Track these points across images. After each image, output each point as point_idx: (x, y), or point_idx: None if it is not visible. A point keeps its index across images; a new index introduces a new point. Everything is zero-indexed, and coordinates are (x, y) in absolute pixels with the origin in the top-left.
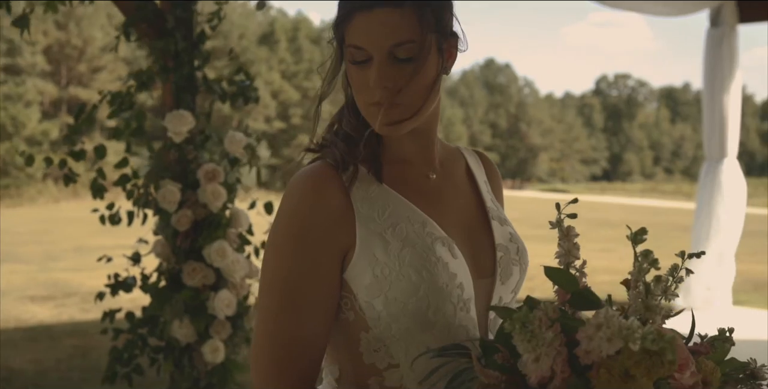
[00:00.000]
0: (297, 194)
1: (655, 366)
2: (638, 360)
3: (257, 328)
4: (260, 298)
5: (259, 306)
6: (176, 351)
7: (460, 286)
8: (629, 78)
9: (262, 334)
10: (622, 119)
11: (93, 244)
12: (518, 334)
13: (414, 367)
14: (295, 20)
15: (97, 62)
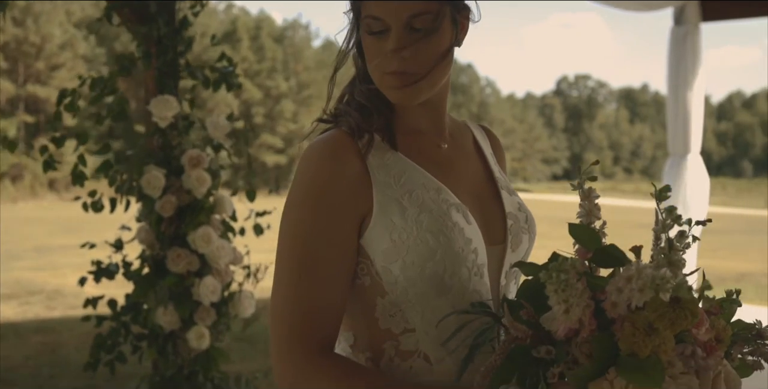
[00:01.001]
0: (315, 161)
1: (679, 318)
2: (662, 313)
3: (276, 294)
4: (279, 264)
5: (277, 272)
6: (160, 338)
7: (474, 251)
8: (589, 79)
9: (282, 300)
10: (582, 120)
11: (53, 243)
12: (552, 284)
13: (429, 331)
14: (258, 19)
15: (56, 60)
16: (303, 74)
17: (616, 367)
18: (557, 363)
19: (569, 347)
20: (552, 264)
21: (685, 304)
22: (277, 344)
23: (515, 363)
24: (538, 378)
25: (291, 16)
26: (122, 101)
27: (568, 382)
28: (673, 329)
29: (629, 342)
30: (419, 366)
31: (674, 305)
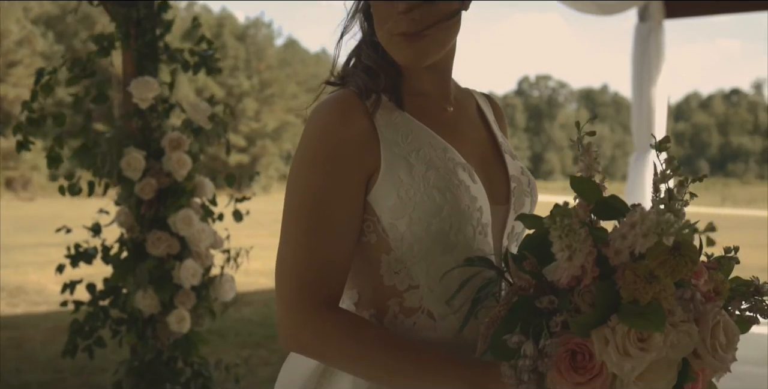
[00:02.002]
0: (323, 118)
1: (679, 265)
2: (663, 261)
3: (283, 252)
4: (288, 221)
5: (285, 229)
6: (139, 322)
7: (479, 210)
8: (550, 79)
9: (291, 255)
10: (543, 119)
11: (13, 242)
12: (556, 230)
13: (434, 288)
14: (220, 17)
15: (13, 56)
16: (265, 73)
17: (617, 314)
18: (560, 313)
19: (572, 296)
20: (556, 210)
21: (686, 251)
22: (285, 298)
23: (518, 313)
24: (542, 327)
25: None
26: (102, 83)
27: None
28: (674, 276)
29: (630, 290)
30: (423, 323)
31: (675, 252)
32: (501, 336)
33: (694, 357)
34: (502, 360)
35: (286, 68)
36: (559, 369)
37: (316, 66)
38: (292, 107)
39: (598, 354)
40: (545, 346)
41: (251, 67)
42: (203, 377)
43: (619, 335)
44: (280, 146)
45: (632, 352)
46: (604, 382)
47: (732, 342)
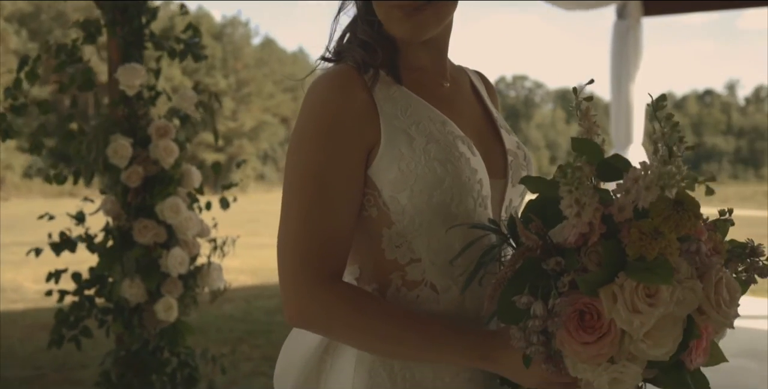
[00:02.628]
0: (323, 92)
1: (683, 220)
2: (667, 216)
3: (285, 226)
4: (288, 195)
5: (286, 204)
6: (126, 311)
7: (479, 182)
8: (526, 79)
9: (293, 230)
10: (520, 119)
11: None
12: (566, 184)
13: (435, 261)
14: (196, 16)
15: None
16: (242, 72)
17: (625, 271)
18: (567, 273)
19: (578, 256)
20: (565, 163)
21: (688, 207)
22: (289, 272)
23: (525, 275)
24: (550, 288)
25: (230, 13)
26: (88, 70)
27: (579, 290)
28: (678, 231)
29: (636, 247)
30: (426, 295)
31: (678, 208)
32: (508, 299)
33: (698, 313)
34: (509, 323)
35: (263, 68)
36: (568, 329)
37: (294, 65)
38: (269, 107)
39: (607, 312)
40: (554, 305)
41: (228, 66)
42: (189, 367)
43: (627, 291)
44: (257, 145)
45: (641, 308)
46: (612, 341)
47: (734, 298)
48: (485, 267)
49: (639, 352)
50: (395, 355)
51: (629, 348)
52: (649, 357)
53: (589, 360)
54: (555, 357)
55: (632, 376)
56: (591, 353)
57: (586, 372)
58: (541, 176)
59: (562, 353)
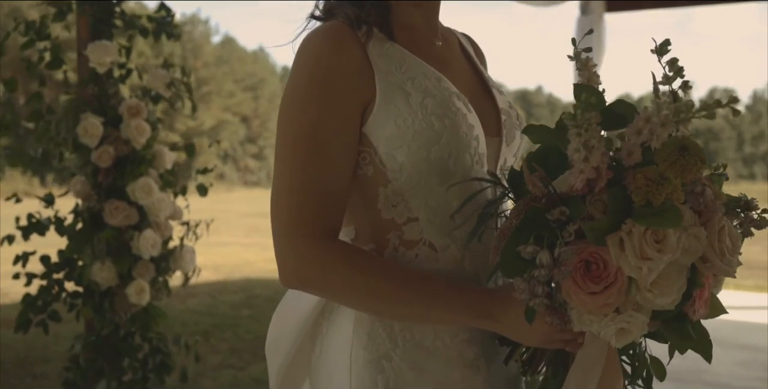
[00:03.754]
0: (315, 48)
1: (689, 164)
2: (673, 161)
3: (278, 185)
4: (282, 153)
5: (279, 161)
6: (96, 295)
7: (476, 138)
8: None
9: (287, 186)
10: None
11: None
12: (575, 126)
13: (433, 219)
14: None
15: None
16: (202, 70)
17: (632, 217)
18: (572, 222)
19: (583, 205)
20: (576, 104)
21: (693, 151)
22: (284, 231)
23: (530, 225)
24: (555, 237)
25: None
26: (56, 47)
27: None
28: (684, 176)
29: (643, 192)
30: (424, 254)
31: (683, 152)
32: (512, 250)
33: (701, 262)
34: (512, 275)
35: (223, 66)
36: (574, 278)
37: (254, 64)
38: (229, 106)
39: (614, 259)
40: (560, 254)
41: (187, 64)
42: (162, 353)
43: (635, 237)
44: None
45: (650, 253)
46: (619, 290)
47: (736, 246)
48: (486, 222)
49: (645, 302)
50: (394, 315)
51: (635, 297)
52: (655, 307)
53: (595, 311)
54: (559, 309)
55: (639, 326)
56: (598, 303)
57: (592, 323)
58: (544, 125)
59: (566, 305)
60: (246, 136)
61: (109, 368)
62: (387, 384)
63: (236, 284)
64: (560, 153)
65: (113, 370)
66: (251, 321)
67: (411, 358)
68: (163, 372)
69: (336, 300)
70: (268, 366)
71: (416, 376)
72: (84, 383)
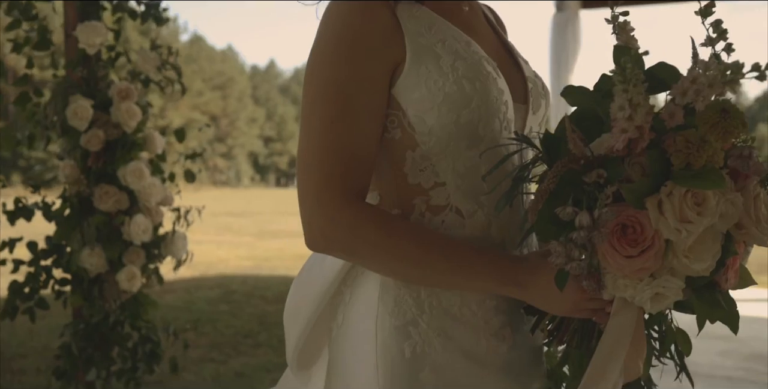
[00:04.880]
0: (343, 10)
1: (730, 127)
2: (714, 124)
3: (306, 147)
4: (309, 115)
5: (307, 123)
6: (85, 282)
7: (506, 103)
8: None
9: (315, 148)
10: None
11: None
12: (621, 82)
13: (460, 185)
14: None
15: None
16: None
17: (673, 180)
18: (610, 184)
19: (623, 166)
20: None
21: (734, 114)
22: (312, 193)
23: (567, 188)
24: (594, 199)
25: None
26: (43, 28)
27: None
28: (725, 139)
29: (683, 155)
30: (451, 221)
31: (724, 115)
32: (548, 214)
33: (736, 229)
34: (547, 239)
35: (192, 65)
36: (611, 242)
37: (223, 63)
38: (197, 104)
39: (653, 222)
40: (600, 215)
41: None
42: (152, 342)
43: (676, 199)
44: (186, 143)
45: (690, 216)
46: (656, 254)
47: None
48: (520, 186)
49: (681, 267)
50: (421, 280)
51: (671, 262)
52: (690, 273)
53: (631, 275)
54: (595, 273)
55: (674, 291)
56: (635, 266)
57: (626, 288)
58: (583, 86)
59: (601, 271)
60: (215, 135)
61: (100, 357)
62: (414, 351)
63: (212, 281)
64: (597, 117)
65: (103, 359)
66: (230, 316)
67: (438, 325)
68: (152, 362)
69: (363, 262)
70: (285, 337)
71: (443, 343)
72: (75, 372)
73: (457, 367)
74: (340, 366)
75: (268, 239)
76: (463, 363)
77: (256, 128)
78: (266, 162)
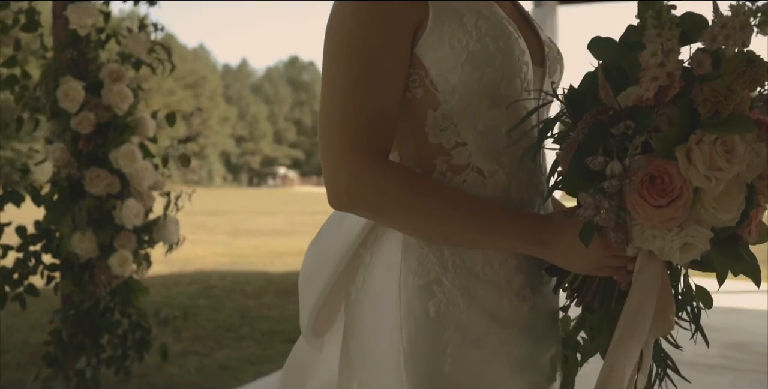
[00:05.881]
0: None
1: (756, 75)
2: (741, 72)
3: (329, 105)
4: (332, 74)
5: (330, 82)
6: (75, 267)
7: (527, 64)
8: None
9: (339, 107)
10: None
11: None
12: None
13: (481, 145)
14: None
15: None
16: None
17: (700, 128)
18: (638, 134)
19: (652, 116)
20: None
21: (760, 63)
22: (337, 150)
23: (594, 140)
24: (623, 149)
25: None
26: (30, 9)
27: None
28: (751, 87)
29: (711, 104)
30: (472, 180)
31: (750, 64)
32: (577, 165)
33: (759, 180)
34: (575, 191)
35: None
36: (640, 192)
37: (195, 62)
38: (168, 103)
39: (683, 171)
40: (632, 163)
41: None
42: (142, 329)
43: (706, 146)
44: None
45: (720, 163)
46: (685, 203)
47: None
48: (545, 137)
49: (708, 217)
50: (445, 238)
51: (699, 212)
52: (717, 222)
53: (660, 225)
54: (623, 225)
55: (703, 240)
56: (664, 216)
57: (655, 240)
58: (609, 37)
59: (629, 223)
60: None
61: (90, 344)
62: (438, 310)
63: (190, 277)
64: (621, 70)
65: (93, 346)
66: (210, 310)
67: (461, 283)
68: (142, 349)
69: (387, 221)
70: (300, 303)
71: (467, 302)
72: (65, 359)
73: (480, 326)
74: (360, 329)
75: (243, 237)
76: (486, 322)
77: (228, 127)
78: (238, 162)
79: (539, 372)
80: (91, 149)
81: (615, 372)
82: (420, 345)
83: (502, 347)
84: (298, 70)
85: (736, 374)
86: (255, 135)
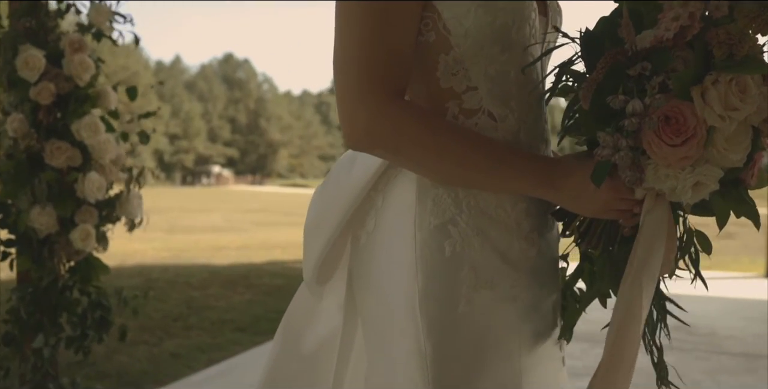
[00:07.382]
0: None
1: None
2: (756, 16)
3: (344, 46)
4: (345, 15)
5: (343, 23)
6: (34, 242)
7: (535, 10)
8: None
9: (355, 48)
10: None
11: None
12: None
13: (492, 89)
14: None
15: None
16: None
17: (715, 70)
18: (656, 74)
19: (669, 55)
20: None
21: None
22: (355, 90)
23: (611, 80)
24: (641, 89)
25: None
26: None
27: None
28: (765, 31)
29: (727, 46)
30: (484, 123)
31: (764, 9)
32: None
33: (764, 123)
34: (593, 131)
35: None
36: (656, 131)
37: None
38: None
39: (699, 110)
40: (652, 102)
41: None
42: (102, 308)
43: (722, 86)
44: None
45: (734, 103)
46: (699, 143)
47: None
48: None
49: (719, 157)
50: (459, 178)
51: (710, 153)
52: (726, 163)
53: (675, 164)
54: (637, 164)
55: (713, 179)
56: (679, 155)
57: (668, 178)
58: None
59: (642, 163)
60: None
61: (48, 322)
62: (453, 250)
63: (131, 270)
64: (638, 13)
65: (52, 325)
66: (156, 301)
67: (476, 224)
68: (102, 329)
69: (404, 160)
70: (304, 253)
71: (481, 242)
72: (24, 338)
73: (492, 267)
74: (367, 271)
75: (180, 234)
76: (497, 263)
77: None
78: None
79: (542, 318)
80: (51, 121)
81: (632, 311)
82: (435, 284)
83: (511, 289)
84: (233, 68)
85: (680, 354)
86: (189, 133)
